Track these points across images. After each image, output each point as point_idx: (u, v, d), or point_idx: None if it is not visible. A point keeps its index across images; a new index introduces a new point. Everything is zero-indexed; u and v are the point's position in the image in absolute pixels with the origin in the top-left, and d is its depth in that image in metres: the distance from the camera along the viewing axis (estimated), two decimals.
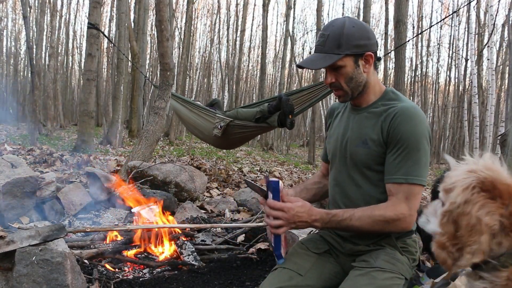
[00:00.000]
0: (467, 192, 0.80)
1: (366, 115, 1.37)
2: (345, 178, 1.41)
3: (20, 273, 1.67)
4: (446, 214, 0.83)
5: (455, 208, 0.81)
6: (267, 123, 5.15)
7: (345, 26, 1.28)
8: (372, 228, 1.27)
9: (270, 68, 28.34)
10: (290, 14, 17.95)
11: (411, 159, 1.26)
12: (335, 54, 1.28)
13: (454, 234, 0.81)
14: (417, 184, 1.27)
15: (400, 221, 1.26)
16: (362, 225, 1.26)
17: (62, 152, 6.64)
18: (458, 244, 0.80)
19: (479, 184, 0.80)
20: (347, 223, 1.26)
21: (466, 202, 0.79)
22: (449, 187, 0.85)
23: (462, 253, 0.80)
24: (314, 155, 13.37)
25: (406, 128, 1.26)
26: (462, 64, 17.02)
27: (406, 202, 1.26)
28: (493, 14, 11.73)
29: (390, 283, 1.23)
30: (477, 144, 11.86)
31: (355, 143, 1.37)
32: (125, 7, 11.98)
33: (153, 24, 17.20)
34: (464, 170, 0.85)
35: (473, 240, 0.78)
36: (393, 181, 1.28)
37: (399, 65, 6.33)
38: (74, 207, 3.30)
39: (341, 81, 1.34)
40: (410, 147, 1.26)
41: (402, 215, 1.25)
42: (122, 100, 12.32)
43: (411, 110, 1.29)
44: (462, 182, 0.82)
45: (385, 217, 1.25)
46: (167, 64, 5.02)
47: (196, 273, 2.21)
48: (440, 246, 0.84)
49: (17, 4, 26.46)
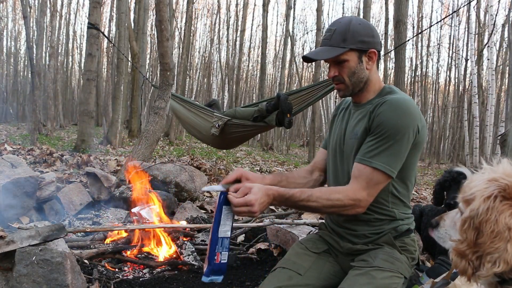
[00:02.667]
0: (489, 201, 0.77)
1: (362, 111, 1.40)
2: (340, 171, 1.45)
3: (20, 273, 1.67)
4: (467, 220, 0.80)
5: (478, 215, 0.77)
6: (265, 122, 5.13)
7: (351, 23, 1.34)
8: (327, 210, 1.31)
9: (270, 68, 28.36)
10: (290, 14, 17.95)
11: (385, 146, 1.26)
12: (340, 47, 1.33)
13: (474, 241, 0.77)
14: (382, 171, 1.26)
15: (356, 206, 1.28)
16: (318, 206, 1.27)
17: (62, 152, 6.64)
18: (478, 252, 0.77)
19: (501, 192, 0.77)
20: (304, 203, 1.27)
21: (489, 209, 0.76)
22: (469, 197, 0.82)
23: (482, 261, 0.76)
24: (314, 155, 13.35)
25: (389, 115, 1.27)
26: (462, 64, 17.04)
27: (366, 189, 1.27)
28: (493, 14, 11.73)
29: (389, 282, 1.23)
30: (477, 144, 11.87)
31: (350, 136, 1.40)
32: (125, 7, 11.98)
33: (153, 24, 17.19)
34: (484, 179, 0.82)
35: (495, 247, 0.74)
36: (360, 161, 1.29)
37: (399, 65, 6.32)
38: (74, 207, 3.30)
39: (343, 75, 1.37)
40: (388, 134, 1.26)
41: (359, 201, 1.27)
42: (122, 100, 12.32)
43: (400, 101, 1.30)
44: (483, 192, 0.79)
45: (343, 202, 1.27)
46: (167, 64, 5.02)
47: (196, 273, 2.21)
48: (459, 254, 0.80)
49: (17, 4, 26.46)
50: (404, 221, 1.40)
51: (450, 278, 1.37)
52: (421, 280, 1.48)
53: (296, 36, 26.61)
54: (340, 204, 1.26)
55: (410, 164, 1.34)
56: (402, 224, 1.39)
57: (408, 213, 1.42)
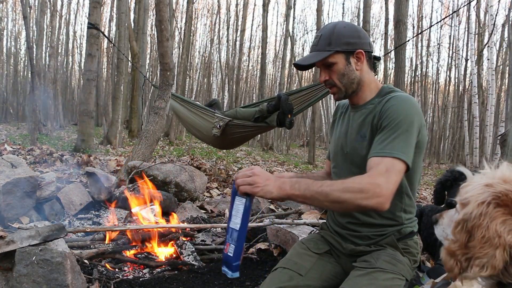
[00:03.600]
0: (482, 206, 0.78)
1: (363, 111, 1.39)
2: (346, 174, 1.40)
3: (20, 273, 1.67)
4: (460, 223, 0.81)
5: (471, 219, 0.78)
6: (266, 123, 5.15)
7: (336, 27, 1.37)
8: (343, 195, 1.15)
9: (270, 68, 28.35)
10: (290, 14, 17.95)
11: (399, 137, 1.23)
12: (326, 51, 1.35)
13: (465, 244, 0.79)
14: (401, 159, 1.20)
15: (375, 194, 1.13)
16: (333, 190, 1.15)
17: (62, 152, 6.64)
18: (467, 254, 0.78)
19: (495, 199, 0.77)
20: (316, 188, 1.17)
21: (482, 215, 0.77)
22: (464, 201, 0.83)
23: (471, 264, 0.78)
24: (314, 155, 13.36)
25: (398, 108, 1.27)
26: (462, 64, 17.05)
27: (385, 175, 1.17)
28: (493, 14, 11.73)
29: (391, 284, 1.22)
30: (477, 144, 11.87)
31: (355, 139, 1.39)
32: (125, 7, 11.98)
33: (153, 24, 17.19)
34: (481, 183, 0.82)
35: (484, 252, 0.75)
36: (376, 155, 1.23)
37: (399, 65, 6.33)
38: (74, 207, 3.30)
39: (334, 78, 1.39)
40: (399, 125, 1.24)
41: (378, 186, 1.14)
42: (122, 100, 12.32)
43: (405, 97, 1.31)
44: (477, 197, 0.79)
45: (360, 185, 1.14)
46: (167, 64, 5.02)
47: (196, 273, 2.21)
48: (449, 253, 0.82)
49: (17, 4, 26.47)
50: (408, 223, 1.39)
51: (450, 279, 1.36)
52: (422, 280, 1.48)
53: (296, 36, 26.63)
54: (357, 188, 1.14)
55: (415, 163, 1.32)
56: (406, 226, 1.38)
57: (413, 215, 1.42)
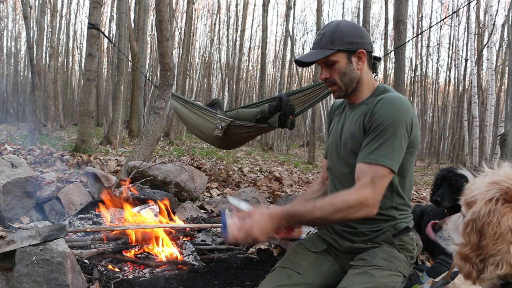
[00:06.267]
0: (490, 203, 0.77)
1: (358, 111, 1.42)
2: (339, 171, 1.46)
3: (21, 273, 1.67)
4: (469, 223, 0.80)
5: (480, 217, 0.78)
6: (268, 124, 5.15)
7: (339, 25, 1.38)
8: (335, 216, 1.23)
9: (270, 68, 28.35)
10: (290, 14, 17.95)
11: (386, 142, 1.27)
12: (328, 49, 1.36)
13: (477, 244, 0.78)
14: (385, 166, 1.25)
15: (363, 206, 1.22)
16: (325, 214, 1.22)
17: (62, 152, 6.64)
18: (481, 255, 0.77)
19: (503, 195, 0.77)
20: (310, 216, 1.23)
21: (491, 211, 0.76)
22: (471, 200, 0.82)
23: (486, 264, 0.76)
24: (314, 155, 13.36)
25: (385, 112, 1.29)
26: (462, 64, 17.02)
27: (371, 186, 1.23)
28: (492, 14, 11.73)
29: (389, 281, 1.24)
30: (477, 144, 11.87)
31: (347, 137, 1.41)
32: (125, 7, 11.98)
33: (153, 24, 17.19)
34: (485, 182, 0.82)
35: (498, 249, 0.74)
36: (364, 161, 1.28)
37: (399, 65, 6.33)
38: (74, 207, 3.30)
39: (335, 76, 1.40)
40: (387, 130, 1.27)
41: (365, 199, 1.22)
42: (122, 100, 12.32)
43: (395, 98, 1.32)
44: (484, 194, 0.79)
45: (348, 203, 1.22)
46: (167, 64, 5.02)
47: (196, 273, 2.21)
48: (463, 257, 0.80)
49: (17, 4, 26.47)
50: (402, 219, 1.41)
51: (450, 278, 1.37)
52: (421, 279, 1.49)
53: (296, 36, 26.60)
54: (346, 206, 1.21)
55: (407, 162, 1.35)
56: (400, 222, 1.40)
57: (407, 211, 1.44)
